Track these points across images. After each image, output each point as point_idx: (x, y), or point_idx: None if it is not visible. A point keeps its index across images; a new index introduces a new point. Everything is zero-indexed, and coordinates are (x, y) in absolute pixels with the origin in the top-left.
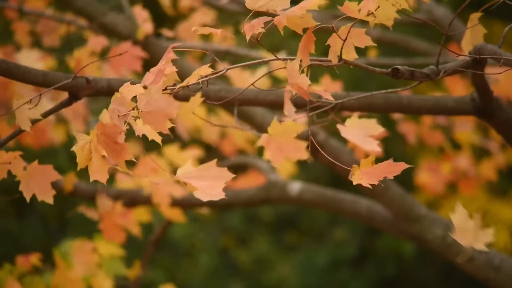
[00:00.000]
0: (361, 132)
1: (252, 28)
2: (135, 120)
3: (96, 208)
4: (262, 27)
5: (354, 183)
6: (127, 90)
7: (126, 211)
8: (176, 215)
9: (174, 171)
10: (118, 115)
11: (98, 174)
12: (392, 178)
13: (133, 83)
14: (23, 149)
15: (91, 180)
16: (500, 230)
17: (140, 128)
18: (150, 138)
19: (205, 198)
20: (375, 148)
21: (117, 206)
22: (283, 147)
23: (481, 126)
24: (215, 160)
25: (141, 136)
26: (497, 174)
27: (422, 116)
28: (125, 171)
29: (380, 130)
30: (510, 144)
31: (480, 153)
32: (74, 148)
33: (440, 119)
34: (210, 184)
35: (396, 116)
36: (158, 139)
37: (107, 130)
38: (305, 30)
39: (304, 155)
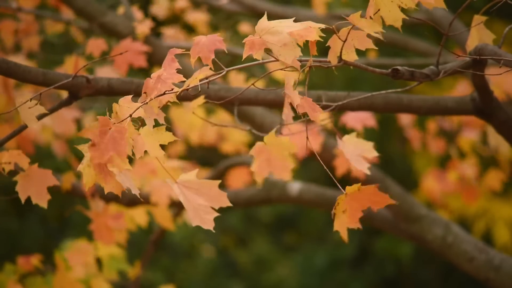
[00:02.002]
0: (356, 151)
1: (252, 46)
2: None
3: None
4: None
5: (334, 229)
6: (125, 107)
7: (119, 214)
8: (167, 222)
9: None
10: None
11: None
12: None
13: (133, 83)
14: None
15: (105, 192)
16: (500, 229)
17: (142, 145)
18: (152, 155)
19: (194, 222)
20: (365, 170)
21: (110, 208)
22: (272, 161)
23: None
24: (218, 181)
25: (142, 154)
26: (501, 184)
27: (427, 122)
28: (114, 192)
29: (374, 154)
30: (510, 144)
31: (486, 160)
32: (80, 168)
33: (444, 124)
34: (205, 205)
35: (404, 122)
36: (160, 154)
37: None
38: None
39: (288, 176)
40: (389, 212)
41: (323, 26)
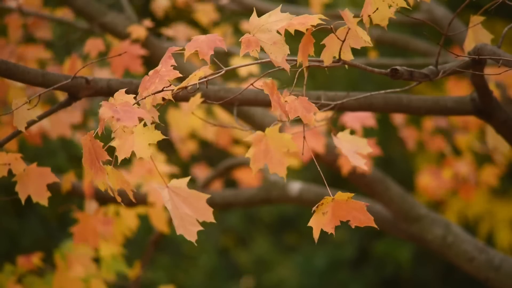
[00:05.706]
0: (351, 147)
1: (249, 45)
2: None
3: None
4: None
5: (309, 224)
6: (120, 98)
7: (108, 219)
8: (162, 225)
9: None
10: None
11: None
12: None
13: (132, 83)
14: (23, 149)
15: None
16: (501, 230)
17: (130, 146)
18: (138, 155)
19: (178, 231)
20: (362, 165)
21: (100, 212)
22: (269, 153)
23: (482, 131)
24: (207, 196)
25: (127, 156)
26: (497, 179)
27: (423, 120)
28: (102, 189)
29: (368, 150)
30: (510, 143)
31: (481, 159)
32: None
33: (441, 122)
34: (191, 216)
35: (397, 120)
36: (146, 156)
37: (95, 146)
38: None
39: (282, 173)
40: (389, 212)
41: (321, 16)
